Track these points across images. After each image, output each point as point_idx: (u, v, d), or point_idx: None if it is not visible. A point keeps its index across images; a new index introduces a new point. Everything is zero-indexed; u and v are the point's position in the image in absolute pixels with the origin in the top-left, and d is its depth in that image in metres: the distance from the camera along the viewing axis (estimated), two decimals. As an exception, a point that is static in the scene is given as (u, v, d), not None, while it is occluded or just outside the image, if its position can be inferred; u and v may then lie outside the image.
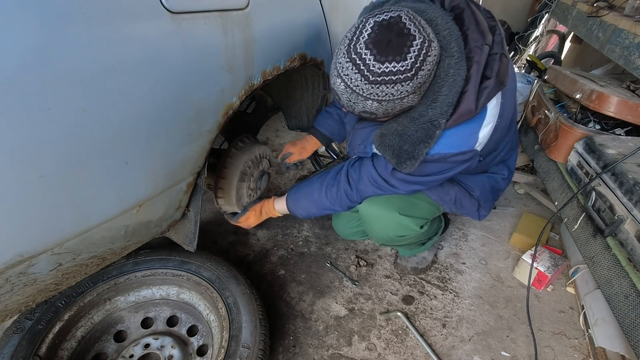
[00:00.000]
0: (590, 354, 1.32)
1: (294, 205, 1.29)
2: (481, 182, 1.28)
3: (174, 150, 0.85)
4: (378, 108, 0.82)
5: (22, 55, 0.54)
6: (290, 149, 1.45)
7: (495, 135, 0.99)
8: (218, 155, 1.29)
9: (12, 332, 1.03)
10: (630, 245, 1.09)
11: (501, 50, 0.86)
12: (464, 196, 1.27)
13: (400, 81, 0.76)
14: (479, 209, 1.31)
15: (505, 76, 0.87)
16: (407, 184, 1.08)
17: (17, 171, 0.58)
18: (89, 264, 0.84)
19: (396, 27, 0.73)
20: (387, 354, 1.31)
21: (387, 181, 1.10)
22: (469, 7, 0.86)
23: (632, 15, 1.68)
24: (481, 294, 1.56)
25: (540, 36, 3.55)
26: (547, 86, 1.97)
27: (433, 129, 0.87)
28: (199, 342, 1.24)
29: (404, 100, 0.81)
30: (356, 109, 0.85)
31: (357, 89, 0.79)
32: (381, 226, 1.28)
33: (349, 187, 1.18)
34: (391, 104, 0.81)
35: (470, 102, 0.84)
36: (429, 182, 1.08)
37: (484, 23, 0.86)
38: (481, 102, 0.85)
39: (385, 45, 0.73)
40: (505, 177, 1.31)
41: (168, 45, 0.73)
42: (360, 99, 0.80)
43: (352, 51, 0.76)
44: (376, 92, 0.78)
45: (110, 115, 0.67)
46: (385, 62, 0.74)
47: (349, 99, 0.82)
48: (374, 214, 1.25)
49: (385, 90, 0.77)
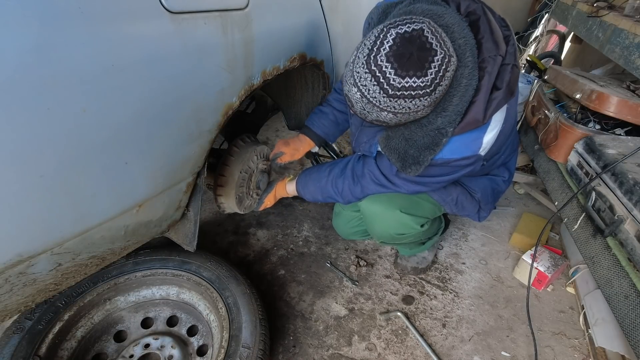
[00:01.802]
0: (590, 354, 1.32)
1: (302, 189, 1.32)
2: (483, 184, 1.28)
3: (174, 150, 0.85)
4: (392, 119, 0.82)
5: (22, 55, 0.54)
6: (283, 148, 1.37)
7: (499, 140, 0.99)
8: (218, 155, 1.29)
9: (12, 332, 1.03)
10: (630, 245, 1.09)
11: (513, 61, 0.86)
12: (466, 198, 1.27)
13: (420, 96, 0.75)
14: (480, 211, 1.32)
15: (514, 87, 0.86)
16: (410, 184, 1.08)
17: (17, 171, 0.58)
18: (89, 264, 0.84)
19: (418, 41, 0.72)
20: (387, 354, 1.31)
21: (390, 180, 1.10)
22: (485, 14, 0.85)
23: (632, 15, 1.68)
24: (481, 294, 1.56)
25: (540, 36, 3.55)
26: (547, 86, 1.97)
27: (440, 137, 0.88)
28: (199, 342, 1.24)
29: (419, 113, 0.81)
30: (369, 117, 0.84)
31: (374, 101, 0.78)
32: (382, 224, 1.28)
33: (352, 182, 1.19)
34: (406, 116, 0.81)
35: (479, 112, 0.84)
36: (432, 183, 1.08)
37: (498, 32, 0.85)
38: (489, 113, 0.85)
39: (407, 60, 0.72)
40: (505, 180, 1.32)
41: (168, 45, 0.73)
42: (376, 110, 0.80)
43: (372, 62, 0.75)
44: (393, 105, 0.77)
45: (110, 115, 0.67)
46: (406, 77, 0.73)
47: (363, 108, 0.82)
48: (375, 211, 1.26)
49: (403, 104, 0.77)
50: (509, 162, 1.31)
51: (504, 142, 1.10)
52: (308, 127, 1.38)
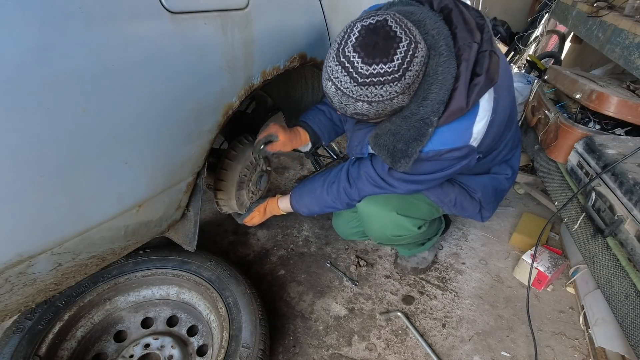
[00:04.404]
0: (590, 354, 1.32)
1: (297, 203, 1.30)
2: (483, 184, 1.27)
3: (174, 150, 0.85)
4: (369, 109, 0.83)
5: (22, 55, 0.54)
6: (279, 132, 1.23)
7: (492, 131, 0.99)
8: (218, 155, 1.29)
9: (12, 332, 1.03)
10: (630, 245, 1.09)
11: (490, 47, 0.87)
12: (465, 198, 1.26)
13: (388, 82, 0.77)
14: (482, 210, 1.31)
15: (495, 73, 0.88)
16: (405, 184, 1.08)
17: (17, 171, 0.58)
18: (89, 264, 0.84)
19: (382, 30, 0.76)
20: (387, 354, 1.31)
21: (385, 180, 1.10)
22: (457, 7, 0.88)
23: (632, 15, 1.68)
24: (481, 294, 1.56)
25: (540, 36, 3.55)
26: (547, 86, 1.97)
27: (425, 127, 0.89)
28: (199, 342, 1.24)
29: (394, 101, 0.83)
30: (348, 111, 0.86)
31: (347, 91, 0.80)
32: (379, 225, 1.28)
33: (348, 185, 1.18)
34: (381, 105, 0.82)
35: (461, 99, 0.86)
36: (427, 180, 1.08)
37: (472, 22, 0.88)
38: (472, 99, 0.87)
39: (372, 48, 0.75)
40: (509, 177, 1.31)
41: (168, 45, 0.73)
42: (351, 101, 0.82)
43: (340, 55, 0.78)
44: (365, 94, 0.79)
45: (110, 115, 0.67)
46: (372, 64, 0.76)
47: (340, 101, 0.84)
48: (372, 212, 1.26)
49: (374, 92, 0.79)
50: (511, 159, 1.30)
51: (499, 135, 1.09)
52: (303, 121, 1.32)
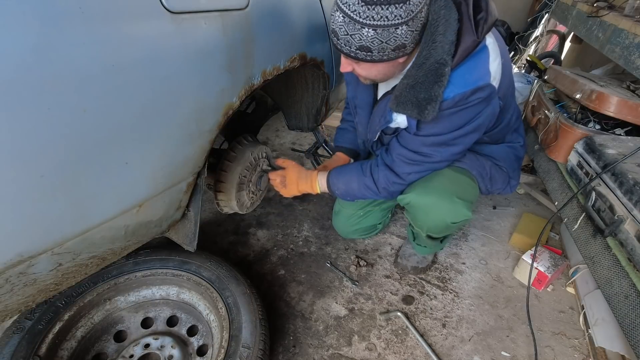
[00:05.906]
0: (590, 354, 1.32)
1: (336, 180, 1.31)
2: (505, 152, 1.33)
3: (174, 150, 0.85)
4: (374, 39, 0.86)
5: (22, 55, 0.54)
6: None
7: (506, 77, 1.04)
8: (218, 155, 1.29)
9: (12, 332, 1.03)
10: (630, 245, 1.09)
11: None
12: (496, 170, 1.32)
13: (395, 2, 0.81)
14: (510, 180, 1.36)
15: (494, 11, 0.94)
16: (439, 148, 1.09)
17: (17, 171, 0.58)
18: (89, 264, 0.84)
19: None
20: (387, 354, 1.31)
21: (419, 152, 1.11)
22: None
23: (632, 15, 1.68)
24: (481, 294, 1.56)
25: (540, 36, 3.55)
26: (547, 86, 1.97)
27: (442, 68, 0.92)
28: (199, 342, 1.24)
29: (398, 31, 0.85)
30: (353, 44, 0.88)
31: (354, 15, 0.83)
32: (438, 213, 1.22)
33: (390, 173, 1.19)
34: (386, 33, 0.85)
35: (470, 32, 0.91)
36: (459, 137, 1.07)
37: None
38: (480, 30, 0.91)
39: None
40: (522, 145, 1.39)
41: (168, 45, 0.73)
42: (357, 28, 0.84)
43: None
44: (372, 15, 0.82)
45: (110, 115, 0.67)
46: None
47: (346, 31, 0.86)
48: (428, 202, 1.20)
49: (381, 13, 0.81)
50: (519, 128, 1.38)
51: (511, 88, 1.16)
52: (338, 146, 1.51)
